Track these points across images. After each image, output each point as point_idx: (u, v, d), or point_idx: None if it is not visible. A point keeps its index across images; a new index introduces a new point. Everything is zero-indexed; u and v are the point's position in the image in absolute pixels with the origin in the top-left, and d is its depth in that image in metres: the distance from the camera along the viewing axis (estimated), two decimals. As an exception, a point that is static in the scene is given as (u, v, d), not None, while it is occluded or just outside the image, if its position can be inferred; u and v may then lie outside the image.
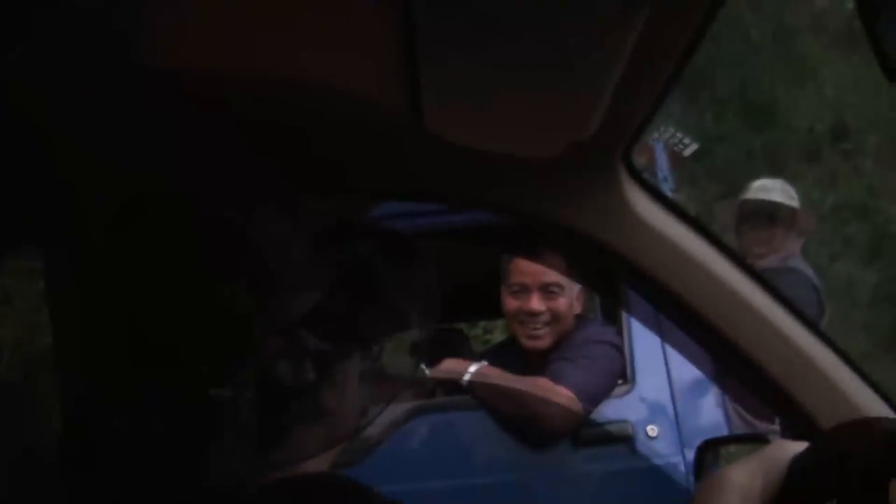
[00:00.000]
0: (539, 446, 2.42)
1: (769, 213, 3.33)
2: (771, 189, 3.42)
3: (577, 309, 2.57)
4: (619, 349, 2.52)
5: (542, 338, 2.51)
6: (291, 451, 0.80)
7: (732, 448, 1.85)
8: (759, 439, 1.60)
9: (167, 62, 0.91)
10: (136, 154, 1.06)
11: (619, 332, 2.60)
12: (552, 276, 2.46)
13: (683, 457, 2.37)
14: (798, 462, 0.85)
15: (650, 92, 1.04)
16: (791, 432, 1.35)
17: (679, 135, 4.65)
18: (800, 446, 0.88)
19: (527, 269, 2.49)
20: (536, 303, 2.48)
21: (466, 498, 2.37)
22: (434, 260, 0.87)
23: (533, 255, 2.29)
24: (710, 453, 1.65)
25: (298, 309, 0.79)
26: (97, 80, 0.92)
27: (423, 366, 2.31)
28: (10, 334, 4.82)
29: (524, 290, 2.50)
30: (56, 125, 1.01)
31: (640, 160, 3.25)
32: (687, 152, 4.71)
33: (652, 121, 1.15)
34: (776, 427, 2.29)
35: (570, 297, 2.51)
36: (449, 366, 2.51)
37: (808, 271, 3.30)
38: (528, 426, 2.40)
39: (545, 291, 2.48)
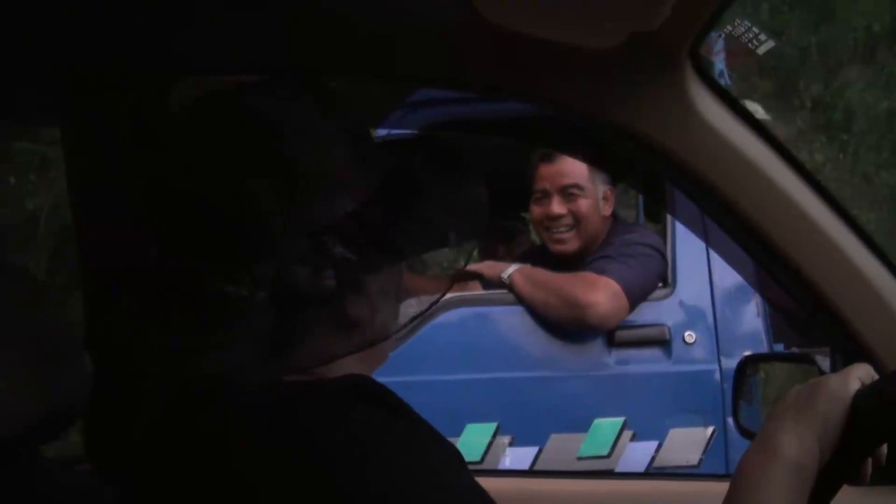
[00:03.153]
0: (583, 339, 2.40)
1: None
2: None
3: (607, 210, 2.54)
4: (661, 252, 2.47)
5: (568, 241, 2.52)
6: (307, 355, 0.79)
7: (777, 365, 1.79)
8: (804, 359, 1.54)
9: None
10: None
11: (663, 235, 2.54)
12: (571, 178, 2.49)
13: (719, 365, 2.34)
14: (862, 401, 0.79)
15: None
16: (840, 354, 1.29)
17: (755, 30, 4.43)
18: (855, 382, 0.82)
19: (546, 174, 2.52)
20: (557, 206, 2.50)
21: (494, 391, 2.36)
22: (483, 177, 0.82)
23: (575, 152, 2.22)
24: (750, 369, 1.60)
25: (330, 215, 0.77)
26: None
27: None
28: (47, 202, 4.85)
29: (545, 195, 2.53)
30: None
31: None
32: (762, 49, 4.50)
33: (723, 12, 1.06)
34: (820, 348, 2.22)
35: (594, 197, 2.51)
36: (486, 269, 2.50)
37: None
38: (573, 318, 2.37)
39: (564, 194, 2.51)
